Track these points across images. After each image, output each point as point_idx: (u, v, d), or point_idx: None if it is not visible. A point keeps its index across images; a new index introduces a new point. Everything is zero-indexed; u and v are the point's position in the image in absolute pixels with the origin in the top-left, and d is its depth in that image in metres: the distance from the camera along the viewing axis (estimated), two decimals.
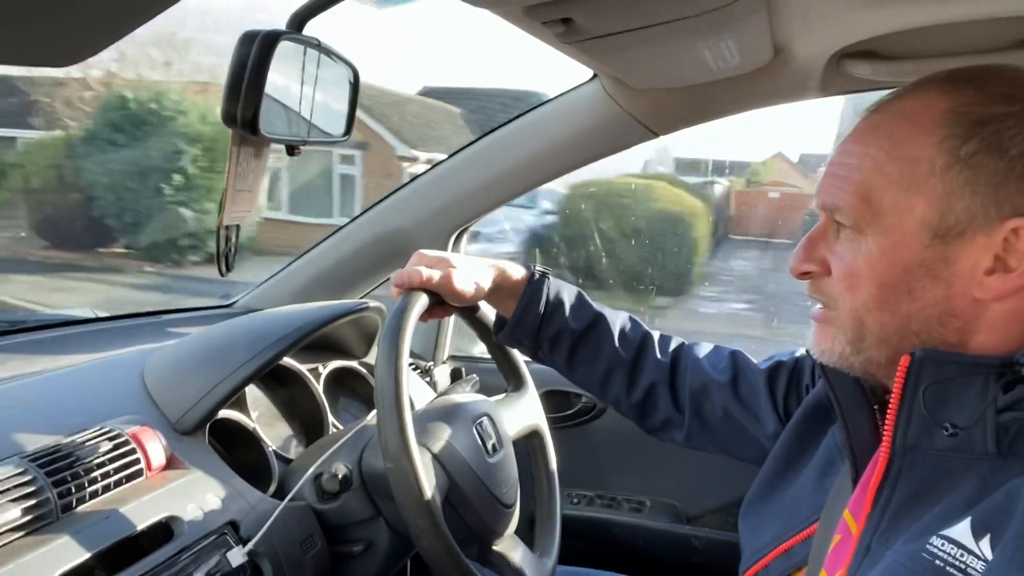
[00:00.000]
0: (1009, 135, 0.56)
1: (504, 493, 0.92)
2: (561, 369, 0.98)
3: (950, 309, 0.59)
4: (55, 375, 0.95)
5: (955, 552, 0.52)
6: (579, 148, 1.27)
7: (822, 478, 0.74)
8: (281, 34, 0.79)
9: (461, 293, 0.87)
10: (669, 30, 0.80)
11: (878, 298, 0.61)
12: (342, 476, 0.89)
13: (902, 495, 0.59)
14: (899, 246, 0.59)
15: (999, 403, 0.55)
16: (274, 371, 1.04)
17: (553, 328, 0.94)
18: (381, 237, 1.39)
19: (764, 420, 0.90)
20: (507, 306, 0.95)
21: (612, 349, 0.96)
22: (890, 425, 0.60)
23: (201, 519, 0.78)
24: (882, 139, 0.61)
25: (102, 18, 0.41)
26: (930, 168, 0.58)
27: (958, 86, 0.60)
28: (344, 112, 0.98)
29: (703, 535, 1.35)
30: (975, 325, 0.59)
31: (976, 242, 0.57)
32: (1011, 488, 0.53)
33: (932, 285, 0.59)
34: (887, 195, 0.60)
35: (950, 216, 0.57)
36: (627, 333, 0.97)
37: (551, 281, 0.95)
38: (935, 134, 0.58)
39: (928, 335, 0.60)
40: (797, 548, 0.71)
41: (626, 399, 0.97)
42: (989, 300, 0.57)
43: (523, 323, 0.94)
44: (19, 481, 0.68)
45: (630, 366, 0.96)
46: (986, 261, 0.57)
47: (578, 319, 0.95)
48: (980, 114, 0.57)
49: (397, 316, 0.81)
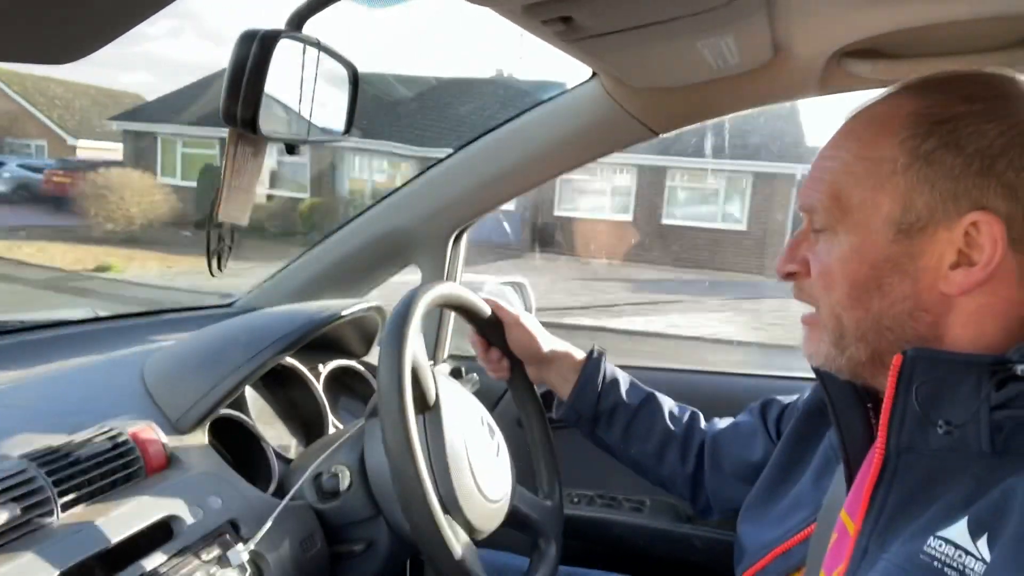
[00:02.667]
0: (967, 132, 0.58)
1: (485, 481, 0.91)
2: (615, 443, 1.04)
3: (919, 304, 0.60)
4: (55, 375, 0.95)
5: (952, 553, 0.52)
6: (579, 147, 1.27)
7: (819, 479, 0.74)
8: (280, 33, 0.79)
9: (527, 331, 1.01)
10: (669, 29, 0.80)
11: (851, 296, 0.62)
12: (342, 476, 0.89)
13: (898, 496, 0.59)
14: (867, 243, 0.61)
15: (992, 401, 0.55)
16: (274, 371, 1.04)
17: (610, 402, 1.02)
18: (381, 236, 1.39)
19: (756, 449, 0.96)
20: (565, 378, 1.03)
21: (664, 424, 1.03)
22: (883, 425, 0.60)
23: (201, 519, 0.78)
24: (851, 142, 0.64)
25: (102, 15, 0.41)
26: (893, 167, 0.60)
27: (926, 90, 0.62)
28: (344, 110, 0.98)
29: (703, 535, 1.35)
30: (947, 320, 0.60)
31: (938, 237, 0.58)
32: (1006, 487, 0.52)
33: (900, 281, 0.60)
34: (855, 194, 0.62)
35: (911, 212, 0.59)
36: (676, 411, 1.05)
37: (606, 361, 1.04)
38: (899, 135, 0.60)
39: (901, 331, 0.61)
40: (795, 549, 0.72)
41: (681, 471, 1.02)
42: (956, 295, 0.58)
43: (583, 396, 1.02)
44: (19, 480, 0.68)
45: (682, 440, 1.02)
46: (950, 255, 0.58)
47: (632, 396, 1.03)
48: (941, 114, 0.59)
49: (400, 315, 0.81)
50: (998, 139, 0.57)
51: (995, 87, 0.60)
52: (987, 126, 0.57)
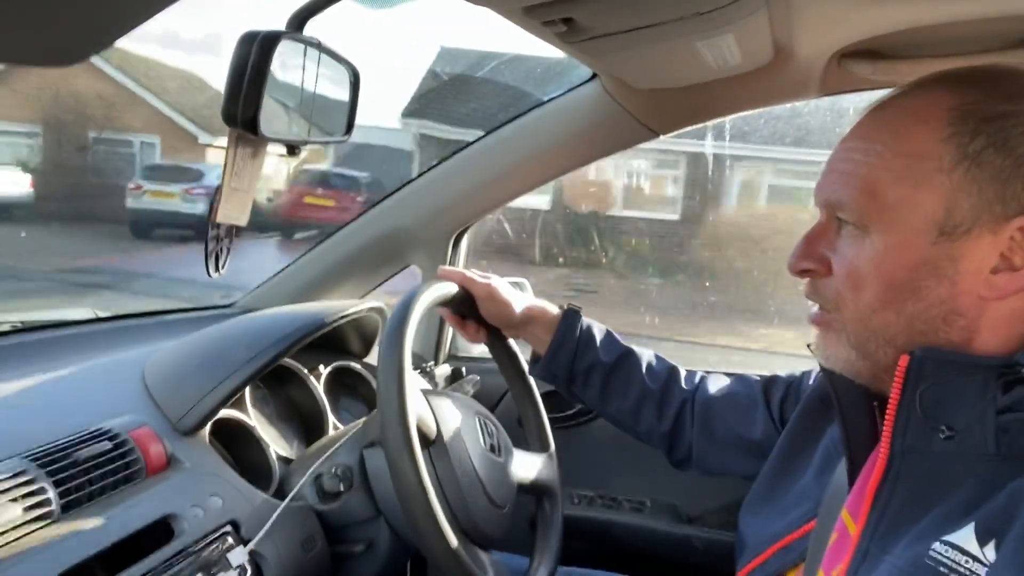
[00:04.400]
0: (1015, 133, 0.55)
1: (496, 492, 0.91)
2: (593, 402, 1.03)
3: (955, 308, 0.58)
4: (56, 375, 0.95)
5: (959, 558, 0.51)
6: (579, 148, 1.28)
7: (821, 475, 0.74)
8: (281, 34, 0.79)
9: (499, 300, 0.97)
10: (670, 30, 0.80)
11: (883, 298, 0.60)
12: (343, 476, 0.89)
13: (901, 498, 0.58)
14: (905, 243, 0.58)
15: (999, 403, 0.55)
16: (274, 371, 1.04)
17: (586, 362, 0.99)
18: (382, 237, 1.39)
19: (756, 426, 0.94)
20: (540, 339, 1.01)
21: (641, 382, 1.01)
22: (889, 426, 0.59)
23: (202, 519, 0.78)
24: (887, 135, 0.60)
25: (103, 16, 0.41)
26: (937, 164, 0.57)
27: (964, 84, 0.59)
28: (344, 112, 0.98)
29: (704, 535, 1.35)
30: (979, 324, 0.58)
31: (983, 240, 0.56)
32: (1013, 490, 0.52)
33: (937, 284, 0.58)
34: (893, 190, 0.59)
35: (957, 213, 0.56)
36: (654, 367, 1.03)
37: (583, 318, 1.02)
38: (941, 131, 0.58)
39: (934, 335, 0.59)
40: (796, 544, 0.71)
41: (657, 428, 1.01)
42: (994, 299, 0.57)
43: (558, 357, 0.99)
44: (20, 480, 0.68)
45: (659, 397, 1.01)
46: (992, 259, 0.56)
47: (609, 353, 1.00)
48: (986, 112, 0.57)
49: (399, 317, 0.81)
50: None
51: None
52: None
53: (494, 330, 1.04)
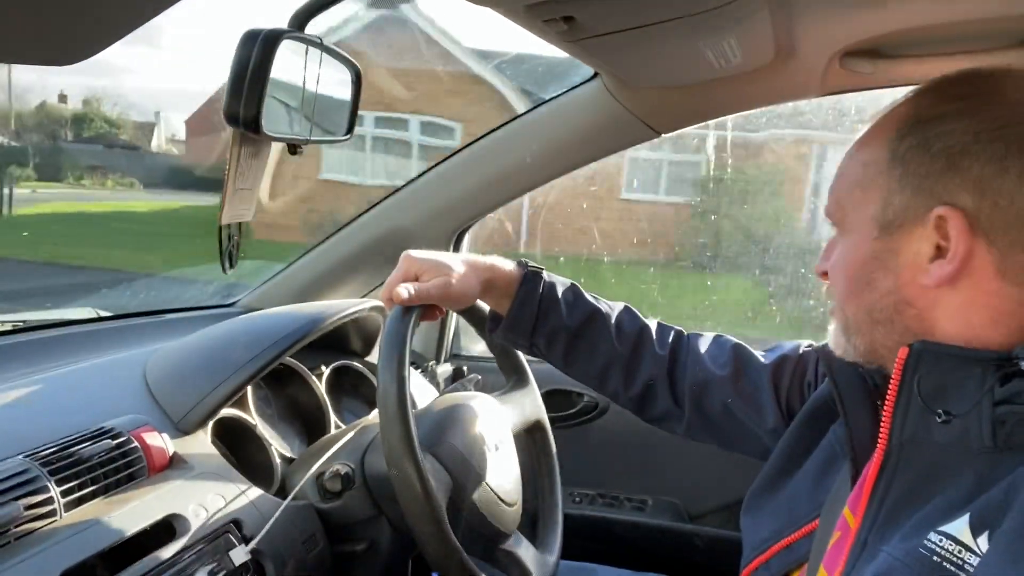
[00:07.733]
0: (935, 132, 0.60)
1: (507, 491, 0.92)
2: (558, 365, 0.97)
3: (903, 298, 0.63)
4: (58, 375, 0.95)
5: (953, 548, 0.52)
6: (581, 147, 1.27)
7: (823, 475, 0.74)
8: (283, 33, 0.79)
9: (459, 300, 0.89)
10: (671, 29, 0.80)
11: (848, 290, 0.67)
12: (344, 475, 0.89)
13: (898, 490, 0.59)
14: (858, 241, 0.66)
15: (996, 396, 0.56)
16: (276, 370, 1.04)
17: (548, 327, 0.93)
18: (382, 237, 1.39)
19: (765, 415, 0.90)
20: (501, 304, 0.94)
21: (609, 345, 0.94)
22: (887, 418, 0.61)
23: (204, 518, 0.78)
24: (858, 146, 0.68)
25: (103, 16, 0.41)
26: (879, 168, 0.64)
27: (926, 91, 0.65)
28: (346, 111, 0.98)
29: (705, 533, 1.35)
30: (933, 314, 0.61)
31: (914, 233, 0.61)
32: (1008, 483, 0.53)
33: (884, 276, 0.64)
34: (852, 195, 0.66)
35: (890, 211, 0.63)
36: (624, 327, 0.96)
37: (545, 278, 0.94)
38: (887, 136, 0.64)
39: (891, 324, 0.64)
40: (798, 544, 0.72)
41: (624, 393, 0.96)
42: (933, 286, 0.61)
43: (518, 323, 0.92)
44: (22, 479, 0.68)
45: (627, 361, 0.94)
46: (927, 251, 0.61)
47: (573, 316, 0.93)
48: (922, 115, 0.62)
49: (397, 319, 0.81)
50: (963, 137, 0.59)
51: (978, 85, 0.62)
52: (956, 125, 0.59)
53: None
